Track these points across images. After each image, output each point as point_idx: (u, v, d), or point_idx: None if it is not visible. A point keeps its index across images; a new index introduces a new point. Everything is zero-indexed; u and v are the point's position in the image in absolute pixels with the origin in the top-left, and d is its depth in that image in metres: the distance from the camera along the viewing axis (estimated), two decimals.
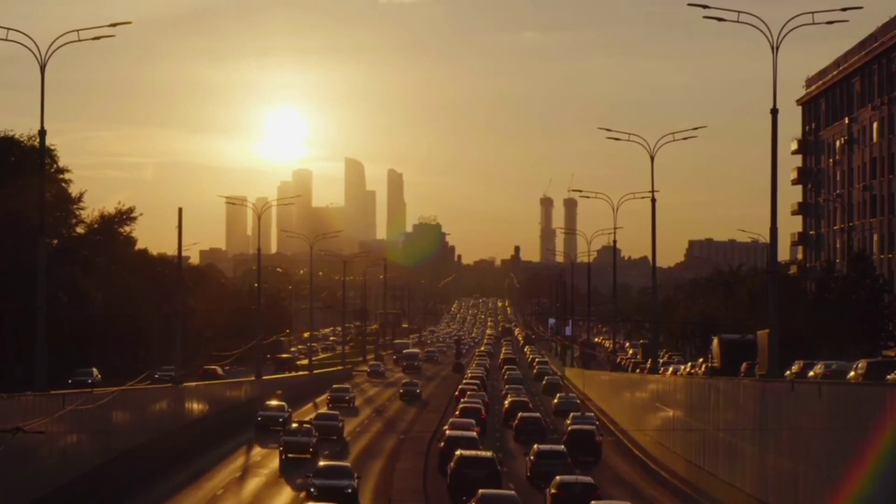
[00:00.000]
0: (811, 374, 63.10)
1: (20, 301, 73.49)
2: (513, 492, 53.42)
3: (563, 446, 70.71)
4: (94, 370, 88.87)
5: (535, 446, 68.31)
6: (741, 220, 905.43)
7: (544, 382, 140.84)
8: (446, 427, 77.04)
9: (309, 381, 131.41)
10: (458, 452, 60.14)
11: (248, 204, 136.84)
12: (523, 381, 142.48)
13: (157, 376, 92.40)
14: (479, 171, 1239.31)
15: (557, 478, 55.57)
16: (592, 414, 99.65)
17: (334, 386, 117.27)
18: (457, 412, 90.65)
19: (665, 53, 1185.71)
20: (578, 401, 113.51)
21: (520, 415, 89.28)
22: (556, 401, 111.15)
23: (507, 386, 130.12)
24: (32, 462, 49.02)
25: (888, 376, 53.13)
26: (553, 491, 54.29)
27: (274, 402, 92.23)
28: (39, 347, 57.72)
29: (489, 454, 61.35)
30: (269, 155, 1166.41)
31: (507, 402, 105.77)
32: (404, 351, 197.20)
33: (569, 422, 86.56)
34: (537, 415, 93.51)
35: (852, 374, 58.25)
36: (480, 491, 50.21)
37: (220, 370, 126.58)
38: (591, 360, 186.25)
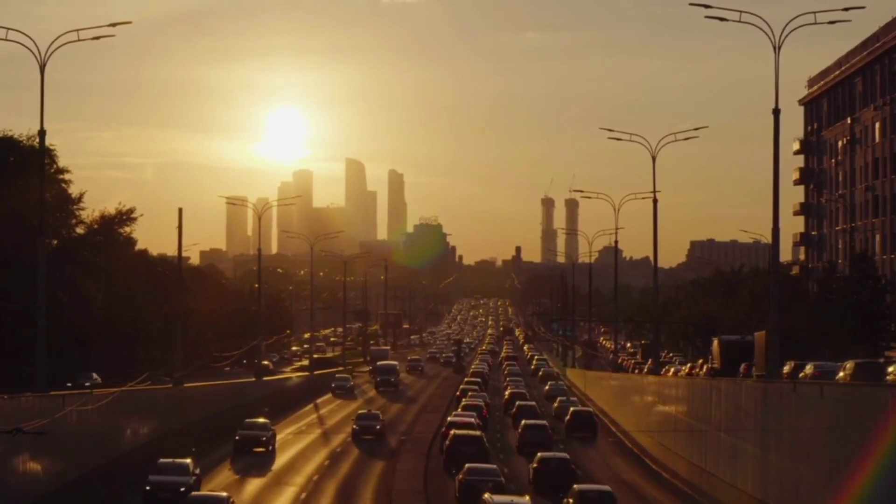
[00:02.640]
0: (801, 374, 63.23)
1: (20, 301, 73.35)
2: (494, 466, 61.19)
3: (545, 421, 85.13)
4: None
5: (523, 421, 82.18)
6: (743, 220, 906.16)
7: (540, 374, 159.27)
8: (450, 417, 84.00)
9: (309, 382, 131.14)
10: (452, 432, 69.93)
11: (248, 204, 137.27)
12: (522, 375, 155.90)
13: (85, 383, 79.15)
14: (480, 171, 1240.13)
15: (538, 454, 64.33)
16: (576, 398, 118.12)
17: (246, 421, 76.93)
18: (459, 409, 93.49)
19: (666, 53, 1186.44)
20: (566, 387, 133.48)
21: (517, 403, 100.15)
22: (546, 388, 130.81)
23: (507, 379, 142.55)
24: (32, 463, 48.89)
25: (888, 376, 53.08)
26: (534, 465, 63.08)
27: (171, 461, 57.33)
28: (39, 348, 57.61)
29: (478, 433, 70.88)
30: (269, 155, 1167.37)
31: (506, 393, 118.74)
32: (379, 363, 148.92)
33: (556, 405, 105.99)
34: (533, 403, 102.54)
35: (841, 374, 58.33)
36: (467, 465, 58.33)
37: (271, 365, 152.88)
38: (592, 360, 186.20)
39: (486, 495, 49.65)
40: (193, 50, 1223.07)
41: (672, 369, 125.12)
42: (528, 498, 50.85)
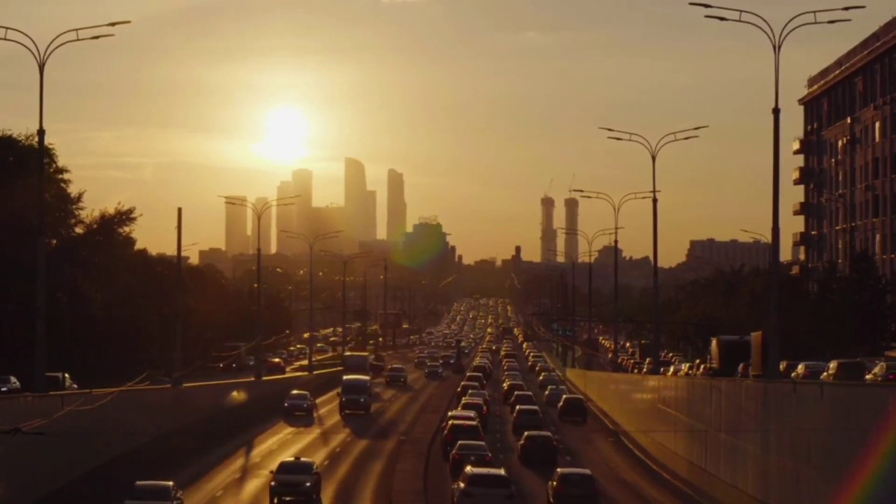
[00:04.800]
0: (794, 374, 63.19)
1: (19, 301, 73.20)
2: (483, 443, 67.83)
3: (537, 407, 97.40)
4: None
5: (517, 407, 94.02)
6: (743, 220, 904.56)
7: (537, 368, 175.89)
8: (451, 413, 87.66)
9: (307, 382, 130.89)
10: (451, 422, 75.01)
11: (247, 204, 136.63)
12: (520, 370, 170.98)
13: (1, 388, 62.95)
14: (480, 171, 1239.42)
15: (525, 433, 75.18)
16: (564, 387, 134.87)
17: (138, 484, 51.01)
18: (459, 408, 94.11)
19: (666, 53, 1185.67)
20: (558, 378, 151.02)
21: (516, 393, 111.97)
22: (540, 379, 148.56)
23: (506, 373, 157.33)
24: (32, 463, 48.82)
25: (867, 376, 53.16)
26: (522, 442, 73.91)
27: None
28: (39, 348, 57.49)
29: (475, 423, 75.49)
30: (269, 155, 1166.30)
31: (505, 385, 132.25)
32: (346, 378, 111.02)
33: (547, 392, 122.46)
34: (529, 393, 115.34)
35: (824, 374, 58.33)
36: (459, 442, 65.89)
37: (282, 362, 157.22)
38: (591, 359, 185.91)
39: (468, 468, 55.62)
40: (193, 50, 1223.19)
41: (672, 369, 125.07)
42: (502, 470, 57.80)
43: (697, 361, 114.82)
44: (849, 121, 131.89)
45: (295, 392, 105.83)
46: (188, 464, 68.99)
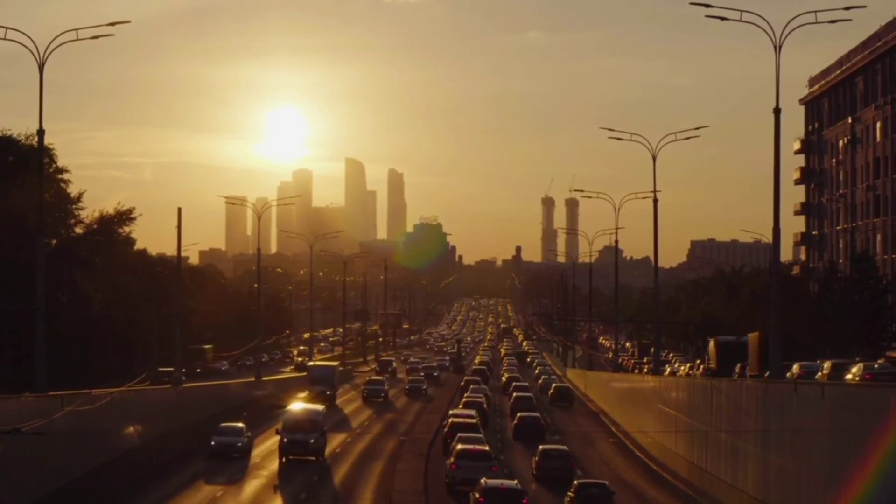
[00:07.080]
0: (789, 374, 63.26)
1: (19, 302, 73.17)
2: (481, 435, 71.89)
3: (531, 394, 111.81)
4: None
5: (514, 394, 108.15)
6: (743, 220, 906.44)
7: (535, 364, 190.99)
8: (452, 411, 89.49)
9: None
10: (450, 420, 78.24)
11: (247, 204, 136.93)
12: (518, 365, 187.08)
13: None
14: (480, 171, 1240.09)
15: (518, 414, 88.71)
16: (555, 377, 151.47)
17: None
18: (460, 406, 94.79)
19: (666, 53, 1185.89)
20: (551, 371, 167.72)
21: (514, 384, 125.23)
22: (536, 371, 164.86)
23: (505, 368, 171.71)
24: (32, 463, 48.76)
25: (846, 377, 53.20)
26: (515, 422, 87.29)
27: None
28: (38, 348, 57.42)
29: (474, 421, 78.20)
30: (269, 155, 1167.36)
31: (504, 378, 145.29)
32: (288, 409, 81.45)
33: (540, 381, 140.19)
34: (525, 383, 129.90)
35: (819, 374, 58.34)
36: (459, 434, 69.60)
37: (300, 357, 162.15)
38: (592, 359, 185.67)
39: (458, 445, 61.56)
40: (193, 50, 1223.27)
41: (668, 369, 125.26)
42: (487, 447, 64.00)
43: (697, 362, 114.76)
44: (850, 121, 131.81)
45: (225, 425, 73.23)
46: (188, 464, 68.91)
